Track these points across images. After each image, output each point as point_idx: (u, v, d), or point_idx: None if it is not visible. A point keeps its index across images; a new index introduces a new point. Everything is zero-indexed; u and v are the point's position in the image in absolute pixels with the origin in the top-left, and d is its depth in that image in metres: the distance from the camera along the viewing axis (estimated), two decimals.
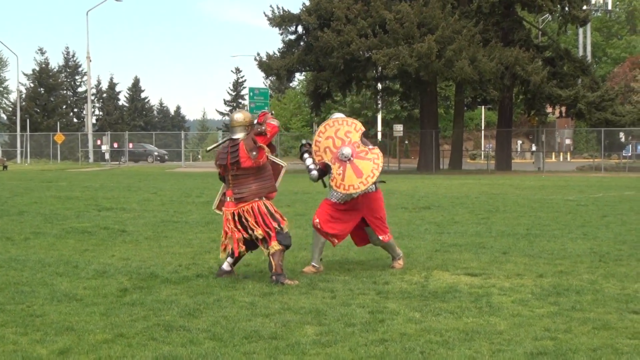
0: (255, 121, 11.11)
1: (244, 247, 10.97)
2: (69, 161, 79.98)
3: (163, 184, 36.45)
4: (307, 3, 55.02)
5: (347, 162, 11.51)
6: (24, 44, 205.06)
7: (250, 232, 10.84)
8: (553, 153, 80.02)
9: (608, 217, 19.92)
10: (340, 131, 11.81)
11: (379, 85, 64.17)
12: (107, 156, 76.06)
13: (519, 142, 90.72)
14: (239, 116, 11.12)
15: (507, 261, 12.58)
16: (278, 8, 55.48)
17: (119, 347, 7.43)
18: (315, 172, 11.96)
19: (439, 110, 66.97)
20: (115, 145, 78.12)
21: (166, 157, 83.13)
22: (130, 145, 79.42)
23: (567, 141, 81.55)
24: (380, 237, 11.84)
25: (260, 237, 10.83)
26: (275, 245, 10.77)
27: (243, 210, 10.84)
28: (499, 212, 21.29)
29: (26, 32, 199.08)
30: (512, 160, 62.97)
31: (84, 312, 8.85)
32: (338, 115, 12.30)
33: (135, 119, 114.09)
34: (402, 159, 67.76)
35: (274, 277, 10.69)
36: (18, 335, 7.87)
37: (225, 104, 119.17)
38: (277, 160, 11.50)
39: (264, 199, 10.93)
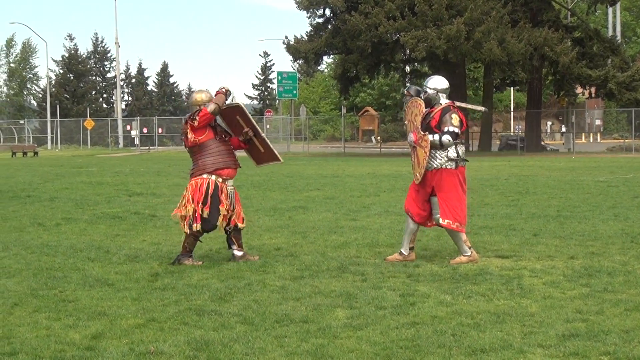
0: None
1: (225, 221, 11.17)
2: (99, 147, 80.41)
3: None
4: None
5: (414, 149, 11.23)
6: (53, 30, 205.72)
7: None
8: (583, 134, 79.49)
9: (639, 198, 19.79)
10: (412, 113, 11.32)
11: (407, 68, 63.97)
12: (136, 141, 76.24)
13: (549, 123, 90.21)
14: (194, 97, 11.35)
15: (537, 243, 12.54)
16: None
17: (151, 332, 7.47)
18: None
19: (467, 92, 66.75)
20: (145, 130, 78.28)
21: None
22: (160, 130, 78.13)
23: (597, 122, 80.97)
24: (439, 216, 11.04)
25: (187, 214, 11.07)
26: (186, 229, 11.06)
27: (195, 183, 11.15)
28: (529, 194, 21.21)
29: (55, 18, 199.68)
30: (542, 142, 62.57)
31: (116, 297, 8.90)
32: (434, 82, 11.32)
33: (164, 103, 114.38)
34: None
35: (178, 257, 11.08)
36: (51, 321, 7.93)
37: (253, 87, 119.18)
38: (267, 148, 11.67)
39: (214, 176, 11.08)
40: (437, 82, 11.33)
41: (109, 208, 18.54)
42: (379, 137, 75.40)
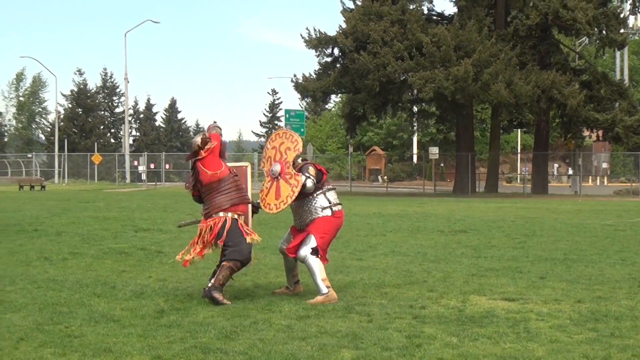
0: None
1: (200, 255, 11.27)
2: (106, 181, 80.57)
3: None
4: (344, 25, 55.18)
5: (275, 179, 11.37)
6: (62, 65, 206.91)
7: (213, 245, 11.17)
8: (590, 177, 79.48)
9: None
10: (283, 145, 11.54)
11: (415, 108, 64.13)
12: (143, 176, 76.38)
13: (556, 165, 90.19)
14: (197, 140, 11.36)
15: (544, 286, 12.50)
16: (315, 30, 55.87)
17: None
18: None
19: (475, 133, 66.84)
20: (152, 166, 78.48)
21: None
22: (168, 166, 78.65)
23: (604, 165, 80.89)
24: (300, 252, 11.25)
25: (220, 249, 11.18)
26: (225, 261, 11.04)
27: (208, 225, 11.18)
28: (535, 236, 21.17)
29: (65, 53, 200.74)
30: (549, 184, 62.62)
31: (122, 334, 8.89)
32: None
33: (171, 139, 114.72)
34: (438, 182, 67.58)
35: (206, 289, 10.92)
36: (56, 356, 7.91)
37: (261, 125, 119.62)
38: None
39: (230, 214, 11.11)
40: None
41: (116, 243, 18.54)
42: (385, 177, 75.51)
